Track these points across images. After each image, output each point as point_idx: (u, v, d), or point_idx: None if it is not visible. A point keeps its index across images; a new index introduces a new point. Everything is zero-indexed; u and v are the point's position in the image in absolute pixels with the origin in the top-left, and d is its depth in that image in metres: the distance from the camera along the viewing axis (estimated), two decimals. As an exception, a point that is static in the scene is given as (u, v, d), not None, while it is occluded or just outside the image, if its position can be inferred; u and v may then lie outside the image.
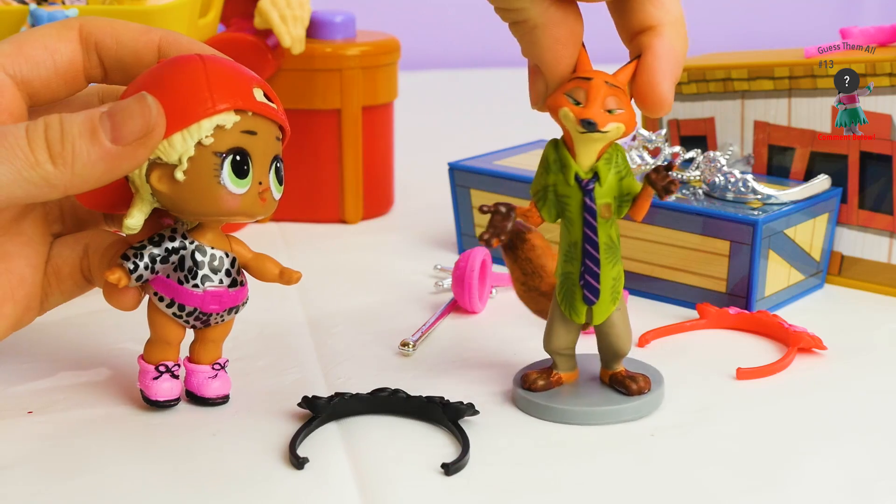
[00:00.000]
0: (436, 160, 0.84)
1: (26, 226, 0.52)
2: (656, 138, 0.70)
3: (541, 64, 0.50)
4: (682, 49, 0.51)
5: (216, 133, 0.48)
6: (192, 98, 0.47)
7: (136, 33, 0.51)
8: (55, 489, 0.46)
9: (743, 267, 0.64)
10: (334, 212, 0.82)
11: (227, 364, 0.53)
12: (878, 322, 0.65)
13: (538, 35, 0.49)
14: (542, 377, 0.54)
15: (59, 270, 0.52)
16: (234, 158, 0.48)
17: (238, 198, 0.48)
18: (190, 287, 0.50)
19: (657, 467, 0.49)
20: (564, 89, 0.49)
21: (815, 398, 0.55)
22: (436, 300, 0.68)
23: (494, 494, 0.46)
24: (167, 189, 0.48)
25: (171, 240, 0.50)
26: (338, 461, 0.49)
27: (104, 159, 0.46)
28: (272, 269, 0.52)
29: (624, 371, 0.54)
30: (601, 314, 0.52)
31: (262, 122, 0.49)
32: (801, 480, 0.48)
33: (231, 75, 0.49)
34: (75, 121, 0.46)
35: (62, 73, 0.50)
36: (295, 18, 0.77)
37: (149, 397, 0.52)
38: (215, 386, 0.53)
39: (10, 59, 0.49)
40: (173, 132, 0.47)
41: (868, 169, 0.68)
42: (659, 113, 0.51)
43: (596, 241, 0.51)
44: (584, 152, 0.50)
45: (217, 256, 0.50)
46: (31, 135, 0.45)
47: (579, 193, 0.50)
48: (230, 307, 0.51)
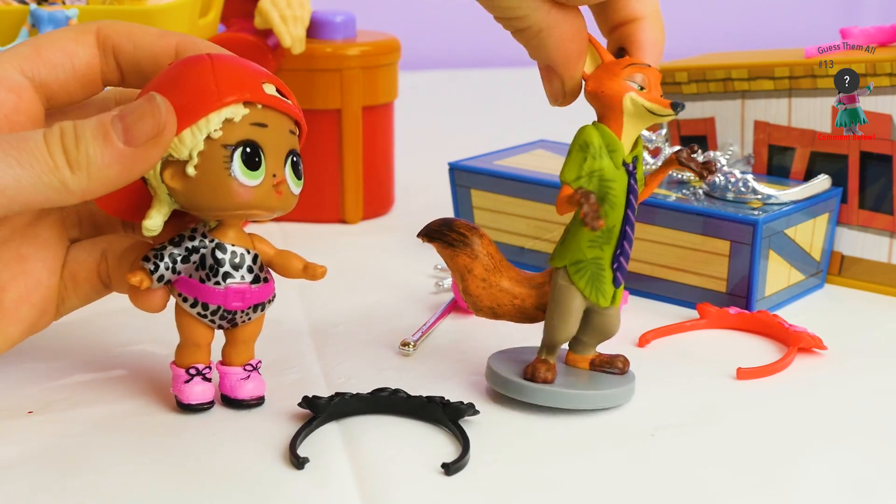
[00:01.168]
0: (436, 160, 0.84)
1: (43, 229, 0.52)
2: (656, 138, 0.70)
3: (553, 64, 0.51)
4: (663, 41, 0.52)
5: (225, 126, 0.48)
6: (200, 94, 0.48)
7: (153, 37, 0.51)
8: (55, 489, 0.46)
9: (743, 267, 0.64)
10: (334, 212, 0.82)
11: (259, 365, 0.53)
12: (878, 322, 0.65)
13: (544, 38, 0.50)
14: (549, 368, 0.53)
15: (76, 274, 0.52)
16: (245, 150, 0.48)
17: (251, 190, 0.48)
18: (212, 285, 0.50)
19: (657, 467, 0.49)
20: (622, 75, 0.50)
21: (815, 398, 0.55)
22: (436, 300, 0.68)
23: (494, 494, 0.46)
24: (180, 186, 0.48)
25: (192, 239, 0.50)
26: (338, 461, 0.49)
27: (118, 161, 0.46)
28: (296, 264, 0.52)
29: (599, 354, 0.54)
30: (618, 295, 0.53)
31: (273, 115, 0.49)
32: (802, 480, 0.48)
33: (239, 70, 0.49)
34: (88, 125, 0.46)
35: (80, 76, 0.51)
36: (295, 18, 0.77)
37: (181, 401, 0.52)
38: (249, 387, 0.52)
39: (29, 61, 0.50)
40: (183, 129, 0.47)
41: (868, 169, 0.68)
42: None
43: (634, 222, 0.51)
44: (630, 135, 0.51)
45: (238, 253, 0.50)
46: (48, 140, 0.46)
47: (626, 176, 0.51)
48: (255, 304, 0.51)
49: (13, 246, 0.51)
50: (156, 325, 0.61)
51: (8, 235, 0.51)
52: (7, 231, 0.51)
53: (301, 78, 0.79)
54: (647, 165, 0.70)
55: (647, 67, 0.51)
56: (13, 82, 0.49)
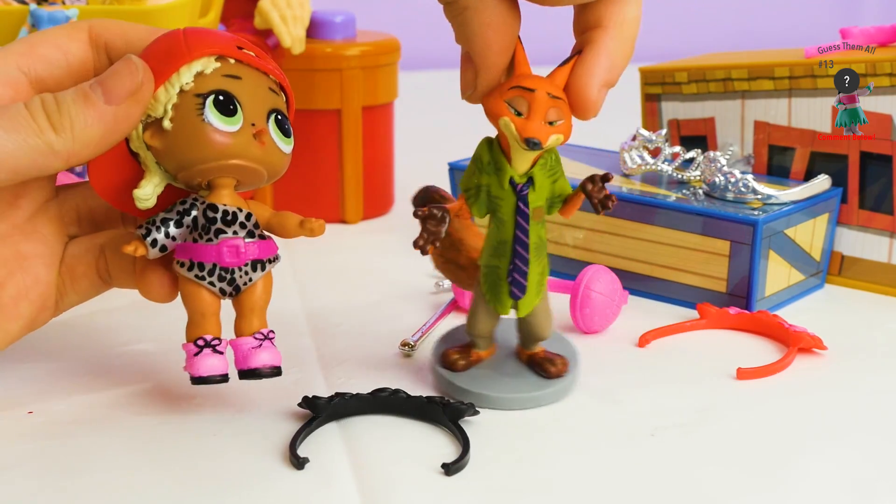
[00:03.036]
0: (436, 160, 0.84)
1: (41, 225, 0.52)
2: (656, 138, 0.70)
3: (470, 50, 0.49)
4: (619, 52, 0.49)
5: (196, 79, 0.48)
6: (171, 53, 0.49)
7: (145, 34, 0.52)
8: (55, 489, 0.46)
9: (743, 267, 0.64)
10: (334, 212, 0.82)
11: (272, 336, 0.51)
12: (878, 322, 0.65)
13: (468, 17, 0.48)
14: (462, 356, 0.54)
15: (74, 270, 0.53)
16: (217, 98, 0.48)
17: (229, 136, 0.48)
18: (204, 242, 0.49)
19: (657, 467, 0.49)
20: (505, 96, 0.48)
21: (815, 398, 0.55)
22: (436, 300, 0.68)
23: (494, 494, 0.46)
24: (160, 143, 0.48)
25: (183, 203, 0.50)
26: (338, 461, 0.49)
27: (100, 120, 0.47)
28: (293, 220, 0.51)
29: (542, 352, 0.54)
30: (526, 307, 0.53)
31: (247, 70, 0.49)
32: (802, 480, 0.48)
33: (210, 33, 0.50)
34: (68, 92, 0.48)
35: (74, 73, 0.51)
36: (295, 18, 0.77)
37: (192, 375, 0.49)
38: (263, 357, 0.49)
39: (24, 57, 0.50)
40: (157, 88, 0.48)
41: (868, 169, 0.68)
42: (585, 115, 0.50)
43: (527, 242, 0.51)
44: (520, 159, 0.50)
45: (230, 212, 0.49)
46: (30, 107, 0.47)
47: (513, 197, 0.50)
48: (252, 260, 0.50)
49: (12, 242, 0.51)
50: (156, 325, 0.61)
51: (7, 232, 0.51)
52: (6, 227, 0.51)
53: (301, 78, 0.79)
54: (648, 165, 0.70)
55: (530, 93, 0.48)
56: (9, 77, 0.50)
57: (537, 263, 0.52)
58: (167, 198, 0.50)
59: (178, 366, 0.55)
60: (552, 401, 0.53)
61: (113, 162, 0.50)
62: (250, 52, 0.50)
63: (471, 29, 0.49)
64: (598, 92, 0.49)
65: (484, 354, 0.55)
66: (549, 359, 0.54)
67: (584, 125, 0.51)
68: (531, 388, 0.53)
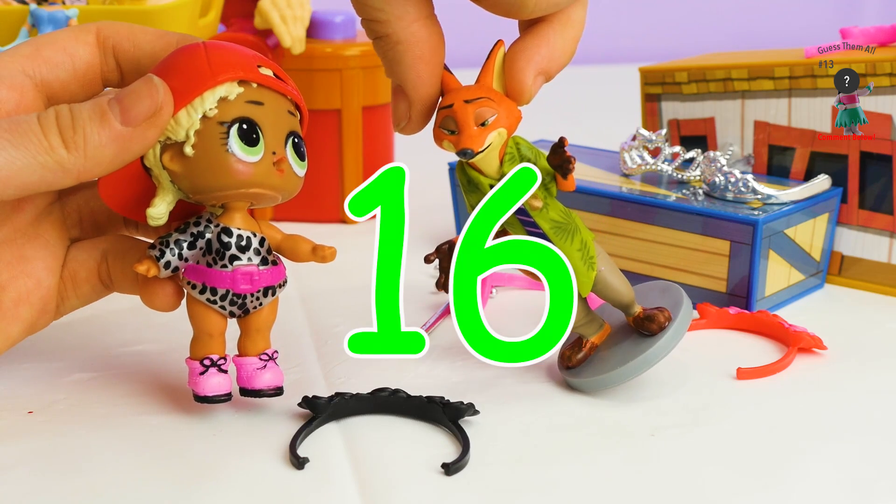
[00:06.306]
0: (436, 160, 0.84)
1: (44, 229, 0.52)
2: (656, 138, 0.70)
3: (403, 83, 0.50)
4: (560, 46, 0.50)
5: (220, 105, 0.48)
6: (194, 74, 0.48)
7: (152, 37, 0.51)
8: (55, 489, 0.46)
9: (743, 267, 0.64)
10: (334, 212, 0.82)
11: (276, 356, 0.52)
12: (878, 322, 0.65)
13: (401, 52, 0.49)
14: (575, 351, 0.55)
15: (76, 274, 0.52)
16: (241, 126, 0.47)
17: (251, 167, 0.48)
18: (219, 268, 0.49)
19: (657, 467, 0.49)
20: (437, 122, 0.50)
21: (815, 398, 0.55)
22: (436, 300, 0.68)
23: (494, 494, 0.46)
24: (180, 168, 0.48)
25: (197, 225, 0.50)
26: (338, 461, 0.49)
27: (115, 141, 0.46)
28: (305, 246, 0.51)
29: (641, 312, 0.55)
30: (584, 285, 0.53)
31: (269, 94, 0.49)
32: (801, 480, 0.48)
33: (232, 53, 0.49)
34: (84, 107, 0.46)
35: (80, 76, 0.51)
36: (295, 18, 0.77)
37: (197, 394, 0.50)
38: (266, 377, 0.51)
39: (30, 61, 0.50)
40: (178, 110, 0.47)
41: (868, 169, 0.68)
42: (519, 100, 0.50)
43: (540, 231, 0.52)
44: (485, 164, 0.51)
45: (244, 237, 0.49)
46: (43, 122, 0.46)
47: None
48: (264, 287, 0.50)
49: (15, 246, 0.51)
50: (156, 325, 0.61)
51: (10, 235, 0.51)
52: (9, 231, 0.51)
53: (301, 78, 0.79)
54: (648, 165, 0.70)
55: (449, 109, 0.50)
56: (15, 81, 0.49)
57: (568, 244, 0.52)
58: (177, 211, 0.50)
59: (178, 366, 0.55)
60: (661, 356, 0.53)
61: (124, 175, 0.49)
62: (269, 72, 0.49)
63: (405, 63, 0.49)
64: (533, 78, 0.50)
65: (596, 340, 0.55)
66: (648, 316, 0.54)
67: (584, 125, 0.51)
68: (638, 351, 0.53)
